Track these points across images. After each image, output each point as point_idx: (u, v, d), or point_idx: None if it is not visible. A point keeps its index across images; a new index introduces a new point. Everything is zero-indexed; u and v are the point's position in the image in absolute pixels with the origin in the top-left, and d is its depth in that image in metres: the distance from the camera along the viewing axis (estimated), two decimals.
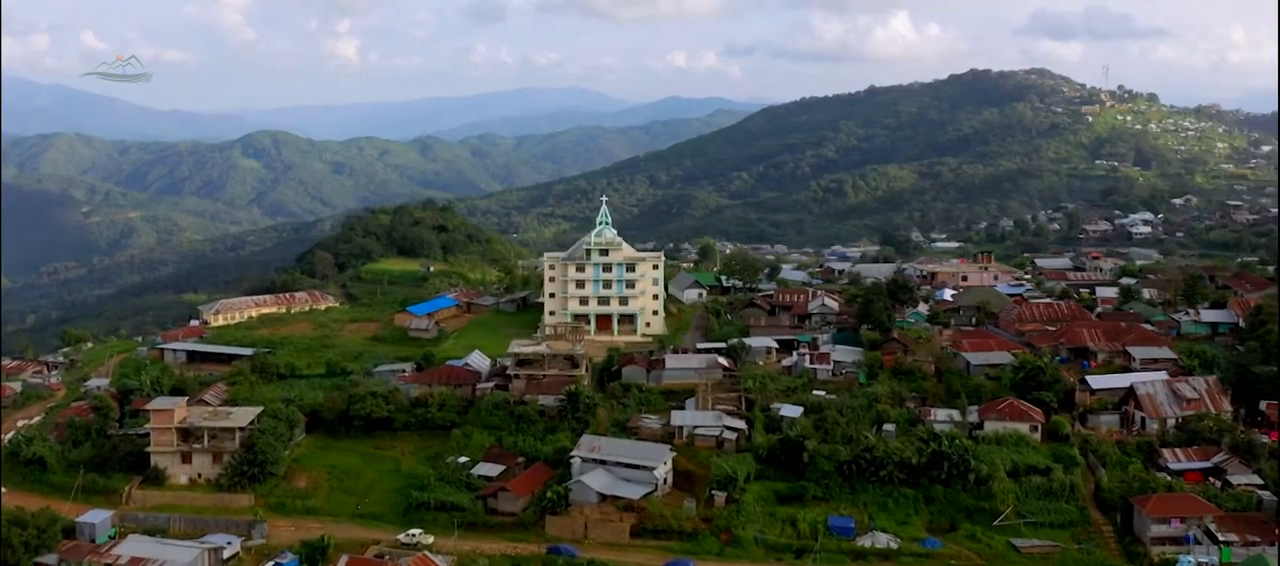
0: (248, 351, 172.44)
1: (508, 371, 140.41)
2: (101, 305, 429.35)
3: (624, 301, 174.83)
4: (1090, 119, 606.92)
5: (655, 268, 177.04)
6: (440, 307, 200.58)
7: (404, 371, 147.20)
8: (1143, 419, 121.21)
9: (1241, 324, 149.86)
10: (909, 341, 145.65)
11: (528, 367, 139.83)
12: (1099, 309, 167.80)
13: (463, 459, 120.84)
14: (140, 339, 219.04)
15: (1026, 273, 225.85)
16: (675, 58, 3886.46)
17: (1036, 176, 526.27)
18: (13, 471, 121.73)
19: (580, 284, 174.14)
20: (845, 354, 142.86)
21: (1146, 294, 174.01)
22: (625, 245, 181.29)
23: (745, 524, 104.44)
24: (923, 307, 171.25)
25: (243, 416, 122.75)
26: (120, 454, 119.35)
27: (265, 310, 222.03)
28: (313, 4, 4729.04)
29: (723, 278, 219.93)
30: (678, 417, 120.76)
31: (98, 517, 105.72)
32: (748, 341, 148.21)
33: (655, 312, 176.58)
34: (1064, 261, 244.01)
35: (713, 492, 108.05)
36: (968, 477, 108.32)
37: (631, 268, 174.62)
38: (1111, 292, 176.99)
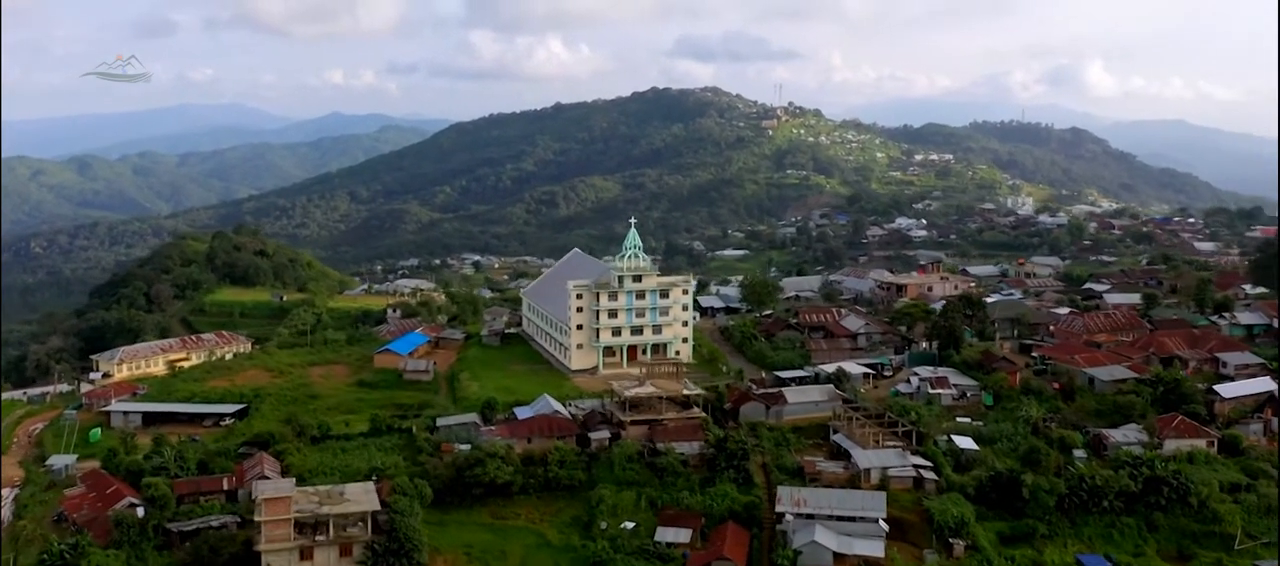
0: (229, 408, 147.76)
1: (618, 418, 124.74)
2: None
3: (657, 330, 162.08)
4: (770, 132, 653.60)
5: (685, 293, 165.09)
6: (416, 345, 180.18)
7: (478, 424, 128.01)
8: None
9: (1274, 325, 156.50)
10: (1016, 360, 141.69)
11: (635, 411, 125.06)
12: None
13: (628, 524, 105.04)
14: (30, 401, 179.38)
15: (964, 279, 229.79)
16: (334, 75, 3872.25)
17: (737, 185, 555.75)
18: None
19: (613, 313, 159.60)
20: (956, 376, 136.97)
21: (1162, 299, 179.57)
22: (655, 270, 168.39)
23: None
24: None
25: (362, 495, 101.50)
26: (224, 557, 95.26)
27: (173, 356, 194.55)
28: None
29: (697, 299, 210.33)
30: (863, 458, 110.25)
31: None
32: (846, 368, 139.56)
33: (685, 340, 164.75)
34: (991, 269, 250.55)
35: (949, 540, 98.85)
36: (1188, 501, 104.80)
37: (665, 294, 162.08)
38: (1126, 298, 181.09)
